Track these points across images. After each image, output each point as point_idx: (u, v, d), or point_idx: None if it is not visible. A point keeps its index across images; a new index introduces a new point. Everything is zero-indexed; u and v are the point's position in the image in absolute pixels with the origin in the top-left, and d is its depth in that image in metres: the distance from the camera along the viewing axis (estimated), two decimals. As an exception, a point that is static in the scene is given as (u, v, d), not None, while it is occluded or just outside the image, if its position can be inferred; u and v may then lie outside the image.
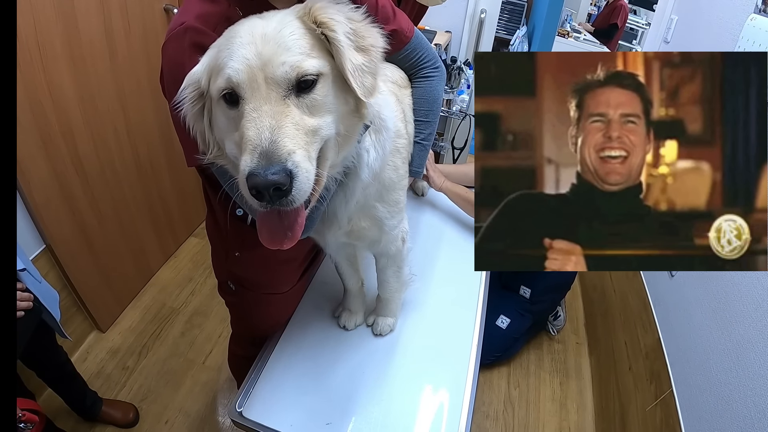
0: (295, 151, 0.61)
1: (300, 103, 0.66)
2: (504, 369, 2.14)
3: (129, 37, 1.89)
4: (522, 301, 2.08)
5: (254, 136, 0.61)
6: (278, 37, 0.65)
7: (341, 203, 0.89)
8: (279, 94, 0.64)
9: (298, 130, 0.64)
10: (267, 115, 0.62)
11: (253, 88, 0.64)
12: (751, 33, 1.46)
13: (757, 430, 1.08)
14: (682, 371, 1.49)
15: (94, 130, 1.83)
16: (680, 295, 1.60)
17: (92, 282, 1.98)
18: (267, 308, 1.23)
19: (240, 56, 0.64)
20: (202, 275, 2.45)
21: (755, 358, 1.15)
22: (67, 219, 1.80)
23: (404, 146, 1.01)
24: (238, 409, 1.13)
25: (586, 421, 1.97)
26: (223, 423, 1.85)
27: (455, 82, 2.39)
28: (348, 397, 1.17)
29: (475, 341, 1.31)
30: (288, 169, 0.60)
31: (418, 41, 1.11)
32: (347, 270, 1.26)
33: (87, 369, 1.94)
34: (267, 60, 0.64)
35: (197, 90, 0.72)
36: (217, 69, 0.67)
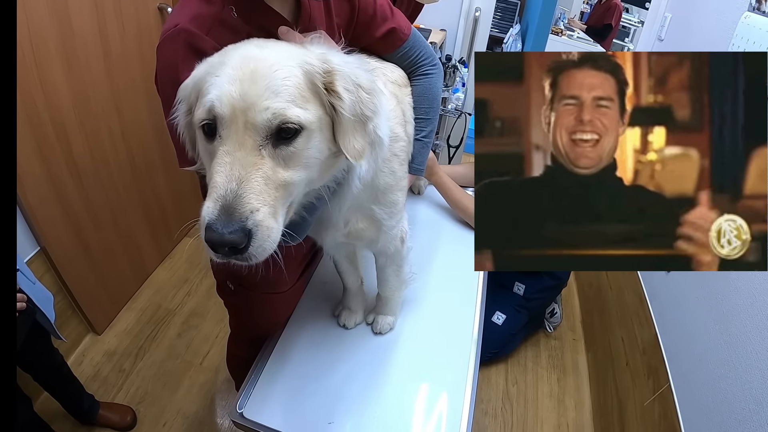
0: (258, 209, 0.60)
1: (276, 155, 0.64)
2: (502, 366, 2.15)
3: (123, 37, 1.88)
4: (516, 297, 2.09)
5: (221, 184, 0.60)
6: (269, 78, 0.63)
7: (335, 209, 0.88)
8: (255, 141, 0.62)
9: (268, 185, 0.62)
10: (238, 164, 0.60)
11: (231, 129, 0.62)
12: (745, 31, 1.47)
13: (754, 421, 1.09)
14: (679, 366, 1.50)
15: (88, 131, 1.81)
16: (676, 290, 1.61)
17: (87, 284, 1.96)
18: (266, 308, 1.22)
19: (225, 91, 0.62)
20: (197, 276, 2.44)
21: (752, 351, 1.16)
22: (62, 220, 1.78)
23: (402, 149, 0.99)
24: (239, 410, 1.12)
25: (584, 418, 1.98)
26: (222, 424, 1.85)
27: (450, 81, 2.40)
28: (349, 396, 1.17)
29: (475, 338, 1.31)
30: (247, 228, 0.59)
31: (416, 39, 1.11)
32: (347, 268, 1.26)
33: (83, 372, 1.93)
34: (251, 103, 0.61)
35: (188, 104, 0.71)
36: (202, 94, 0.65)
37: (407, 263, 1.22)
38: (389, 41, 1.05)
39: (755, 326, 1.17)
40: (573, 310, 2.48)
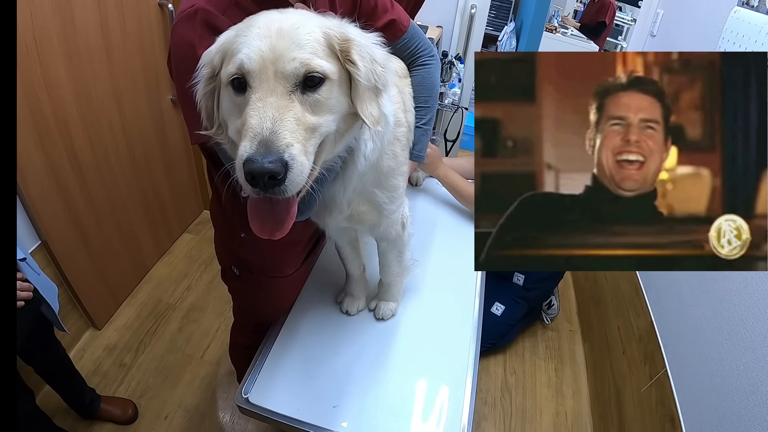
0: (293, 144, 0.64)
1: (304, 100, 0.68)
2: (500, 356, 2.17)
3: (124, 33, 1.90)
4: (516, 288, 2.11)
5: (256, 124, 0.64)
6: (294, 34, 0.68)
7: (339, 189, 0.92)
8: (285, 88, 0.67)
9: (299, 126, 0.66)
10: (271, 107, 0.65)
11: (262, 78, 0.66)
12: (735, 25, 1.50)
13: (750, 402, 1.12)
14: (675, 351, 1.53)
15: (89, 126, 1.83)
16: (671, 278, 1.64)
17: (88, 279, 1.97)
18: (271, 292, 1.24)
19: (255, 46, 0.66)
20: (197, 271, 2.45)
21: (745, 334, 1.19)
22: (63, 214, 1.79)
23: (403, 134, 1.04)
24: (245, 395, 1.13)
25: (582, 406, 2.00)
26: (223, 417, 1.85)
27: (447, 76, 2.43)
28: (353, 380, 1.18)
29: (475, 325, 1.33)
30: (284, 160, 0.63)
31: (415, 31, 1.15)
32: (349, 254, 1.28)
33: (83, 367, 1.93)
34: (279, 54, 0.66)
35: (212, 68, 0.73)
36: (231, 54, 0.69)
37: (408, 249, 1.24)
38: (389, 32, 1.08)
39: (748, 309, 1.19)
40: (569, 302, 2.52)
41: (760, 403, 1.09)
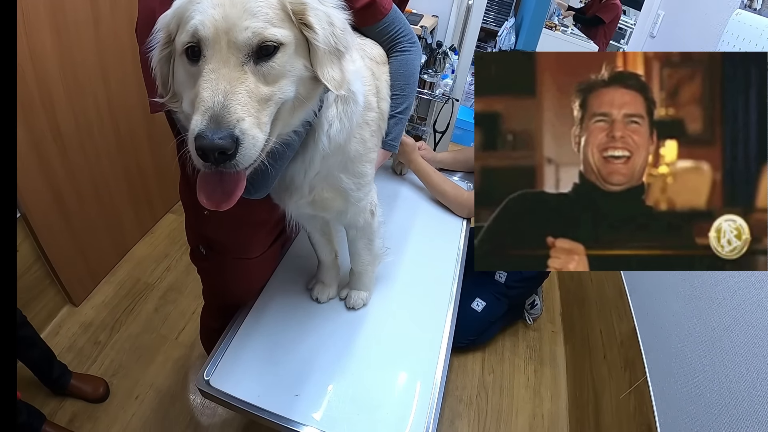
0: (243, 119, 0.63)
1: (257, 71, 0.67)
2: (479, 354, 2.14)
3: (114, 5, 1.86)
4: (498, 285, 2.08)
5: (208, 97, 0.63)
6: (246, 2, 0.66)
7: (299, 171, 0.90)
8: (238, 59, 0.66)
9: (251, 98, 0.65)
10: (223, 79, 0.64)
11: (215, 48, 0.65)
12: (736, 28, 1.47)
13: (730, 415, 1.08)
14: (656, 359, 1.50)
15: (74, 101, 1.79)
16: (656, 283, 1.61)
17: (67, 255, 1.94)
18: (238, 273, 1.22)
19: (208, 14, 0.65)
20: (178, 252, 2.42)
21: (730, 345, 1.15)
22: (44, 189, 1.76)
23: (374, 120, 1.02)
24: (206, 378, 1.11)
25: (560, 409, 1.98)
26: (194, 400, 1.83)
27: (440, 66, 2.39)
28: (318, 369, 1.16)
29: (449, 318, 1.31)
30: (234, 135, 0.62)
31: (396, 15, 1.11)
32: (319, 240, 1.25)
33: (58, 343, 1.91)
34: (232, 24, 0.65)
35: (167, 33, 0.72)
36: (185, 21, 0.68)
37: (379, 237, 1.22)
38: (369, 13, 1.05)
39: (734, 320, 1.16)
40: (553, 302, 2.49)
41: (740, 418, 1.05)
